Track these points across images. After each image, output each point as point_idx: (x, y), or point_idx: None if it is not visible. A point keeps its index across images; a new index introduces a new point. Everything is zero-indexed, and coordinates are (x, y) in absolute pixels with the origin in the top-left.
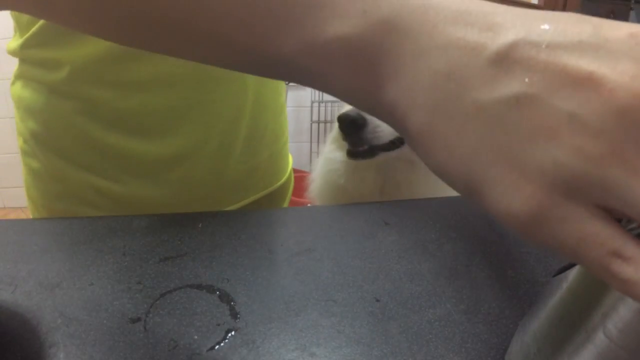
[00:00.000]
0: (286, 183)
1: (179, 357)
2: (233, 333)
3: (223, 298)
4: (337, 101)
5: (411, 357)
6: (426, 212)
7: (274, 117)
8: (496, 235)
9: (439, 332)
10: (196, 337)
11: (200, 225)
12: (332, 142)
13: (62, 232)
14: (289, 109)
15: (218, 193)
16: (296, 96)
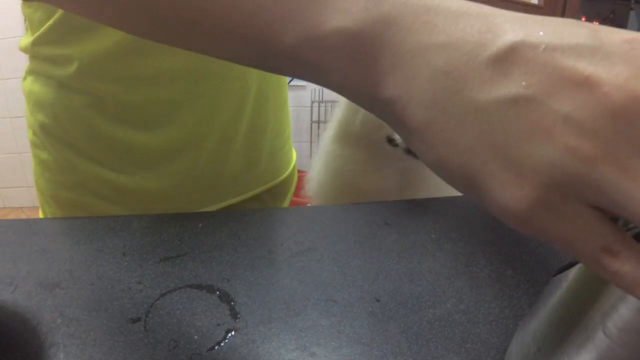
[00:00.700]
0: (288, 179)
1: (179, 357)
2: (233, 333)
3: (223, 298)
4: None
5: (411, 357)
6: (426, 212)
7: (276, 113)
8: (496, 235)
9: (439, 332)
10: (196, 337)
11: (200, 225)
12: (335, 142)
13: (62, 232)
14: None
15: (219, 186)
16: (296, 96)
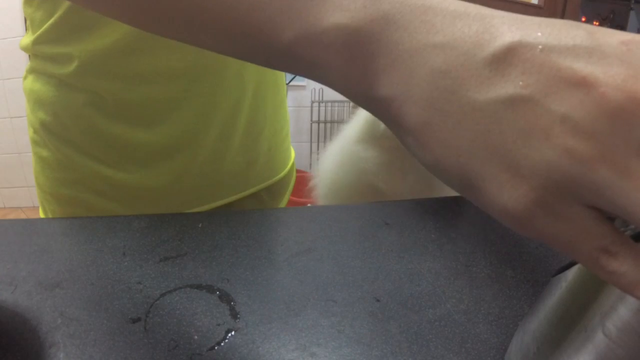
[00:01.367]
0: (287, 177)
1: (179, 357)
2: (233, 333)
3: (223, 298)
4: (337, 101)
5: (411, 357)
6: (426, 212)
7: (274, 111)
8: (496, 235)
9: (439, 332)
10: (196, 337)
11: (200, 225)
12: (359, 143)
13: (62, 232)
14: (289, 109)
15: (218, 183)
16: (296, 96)
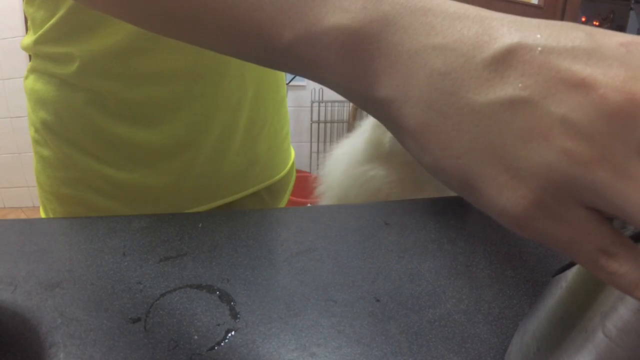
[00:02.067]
0: (287, 176)
1: (179, 357)
2: (233, 333)
3: (223, 298)
4: (337, 101)
5: (411, 357)
6: (426, 212)
7: (274, 111)
8: (496, 235)
9: (439, 332)
10: (196, 337)
11: (200, 225)
12: (366, 163)
13: (62, 232)
14: (289, 109)
15: (218, 183)
16: (296, 96)
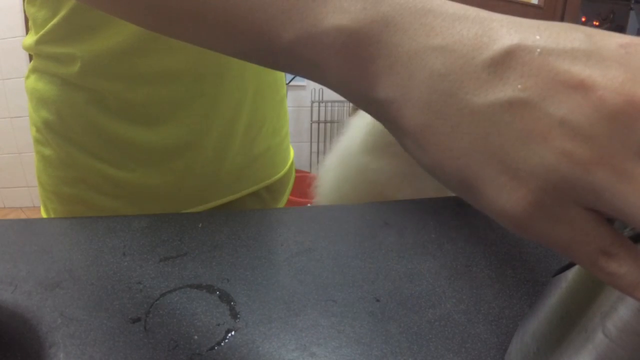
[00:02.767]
0: (286, 176)
1: (179, 357)
2: (233, 333)
3: (223, 298)
4: (337, 101)
5: (411, 357)
6: (426, 212)
7: (273, 111)
8: (496, 235)
9: (439, 332)
10: (196, 337)
11: (200, 225)
12: (366, 154)
13: (62, 232)
14: (289, 109)
15: (218, 182)
16: (296, 96)
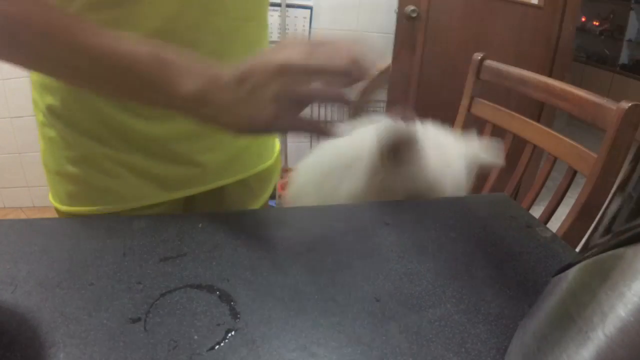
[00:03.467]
0: (273, 165)
1: (179, 357)
2: (233, 333)
3: (223, 298)
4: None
5: (411, 357)
6: (426, 212)
7: None
8: (496, 235)
9: (439, 332)
10: (196, 337)
11: (200, 225)
12: (336, 172)
13: (62, 232)
14: None
15: (217, 169)
16: None
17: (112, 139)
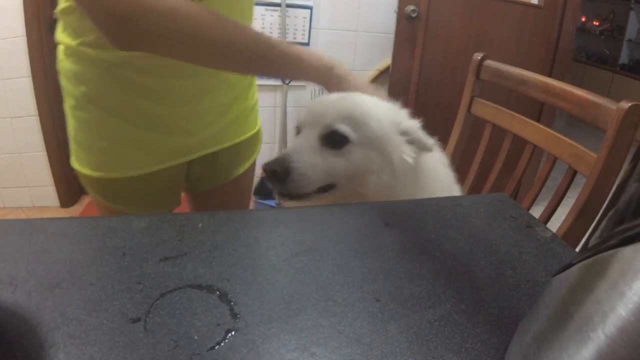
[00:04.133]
0: (256, 134)
1: (179, 357)
2: (233, 333)
3: (223, 298)
4: None
5: (411, 357)
6: (426, 212)
7: (243, 91)
8: (496, 235)
9: (439, 332)
10: (196, 337)
11: (200, 225)
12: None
13: (62, 232)
14: (289, 109)
15: (211, 138)
16: (296, 96)
17: (136, 119)
